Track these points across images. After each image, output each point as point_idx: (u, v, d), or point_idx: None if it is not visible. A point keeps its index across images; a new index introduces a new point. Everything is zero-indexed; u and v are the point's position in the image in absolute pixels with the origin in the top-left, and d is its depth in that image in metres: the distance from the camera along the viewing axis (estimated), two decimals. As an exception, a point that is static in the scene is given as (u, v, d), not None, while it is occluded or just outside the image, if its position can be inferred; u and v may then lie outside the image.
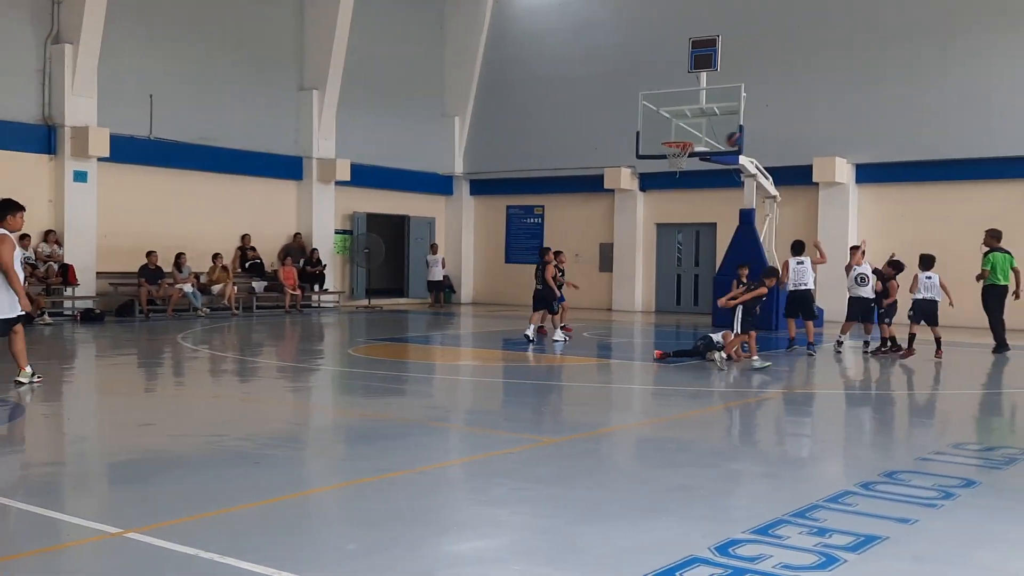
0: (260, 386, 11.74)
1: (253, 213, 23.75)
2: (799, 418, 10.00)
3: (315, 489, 6.55)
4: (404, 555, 4.85)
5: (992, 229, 16.02)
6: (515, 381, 12.56)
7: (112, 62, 20.35)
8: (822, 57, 22.92)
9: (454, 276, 28.59)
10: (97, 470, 7.02)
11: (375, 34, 26.09)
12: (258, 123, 23.67)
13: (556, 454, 7.44)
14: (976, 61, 21.17)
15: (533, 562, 4.81)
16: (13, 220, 9.94)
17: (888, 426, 9.60)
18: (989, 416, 10.37)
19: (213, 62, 22.69)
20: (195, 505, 5.71)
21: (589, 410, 10.26)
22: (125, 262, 20.67)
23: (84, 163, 19.85)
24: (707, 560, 4.76)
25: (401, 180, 27.34)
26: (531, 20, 27.66)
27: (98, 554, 4.91)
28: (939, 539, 5.24)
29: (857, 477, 6.63)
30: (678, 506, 5.87)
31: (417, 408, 10.07)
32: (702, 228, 25.13)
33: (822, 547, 4.99)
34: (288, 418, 9.38)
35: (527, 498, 6.01)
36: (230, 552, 4.73)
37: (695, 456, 7.53)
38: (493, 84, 28.17)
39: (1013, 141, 20.66)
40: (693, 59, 18.98)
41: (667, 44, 23.38)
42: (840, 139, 22.54)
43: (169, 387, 11.59)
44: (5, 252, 9.61)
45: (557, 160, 26.68)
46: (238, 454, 7.24)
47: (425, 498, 6.00)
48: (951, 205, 21.59)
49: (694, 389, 11.66)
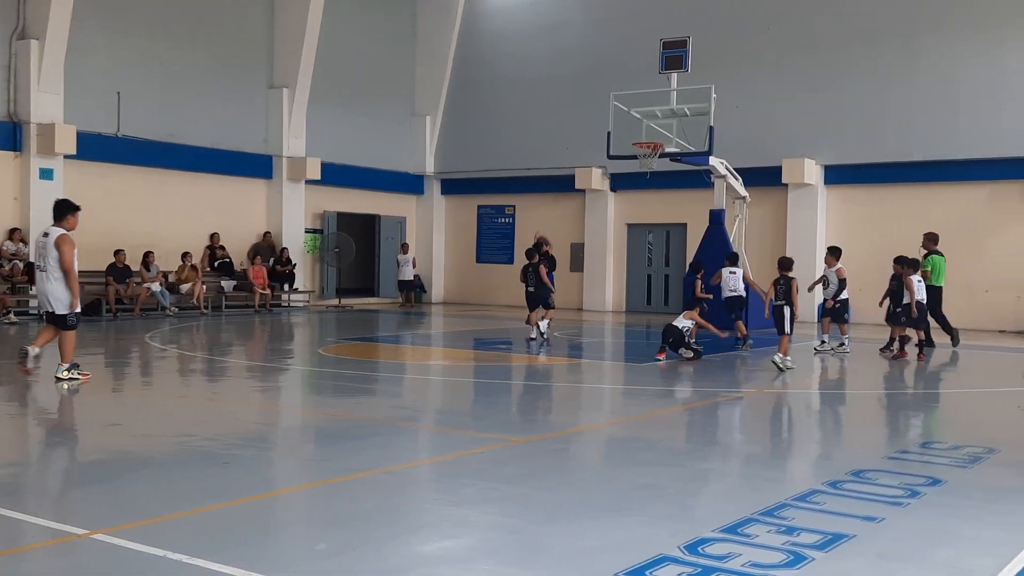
0: (228, 386, 11.66)
1: (222, 212, 23.59)
2: (768, 417, 10.07)
3: (284, 489, 6.52)
4: (373, 555, 4.84)
5: (930, 232, 16.77)
6: (485, 381, 12.56)
7: (79, 58, 20.14)
8: (790, 59, 23.09)
9: (425, 276, 28.53)
10: (63, 470, 6.95)
11: (346, 32, 26.00)
12: (227, 121, 23.52)
13: (525, 454, 7.45)
14: (941, 64, 21.41)
15: (501, 562, 4.82)
16: (72, 220, 10.49)
17: (856, 425, 9.68)
18: (955, 415, 10.49)
19: (182, 59, 22.51)
20: (163, 506, 5.66)
21: (558, 410, 10.28)
22: (92, 261, 20.41)
23: (50, 160, 19.63)
24: (676, 559, 4.78)
25: (372, 179, 27.26)
26: (502, 20, 27.67)
27: (64, 555, 4.86)
28: (904, 537, 5.30)
29: (825, 476, 6.68)
30: (647, 505, 5.90)
31: (386, 408, 10.04)
32: (672, 228, 25.24)
33: (790, 545, 5.03)
34: (257, 418, 9.33)
35: (495, 498, 6.01)
36: (198, 553, 4.70)
37: (663, 455, 7.57)
38: (464, 83, 28.15)
39: (978, 143, 20.92)
40: (664, 60, 19.05)
41: (637, 45, 23.47)
42: (808, 141, 22.72)
43: (136, 387, 11.49)
44: (69, 252, 10.22)
45: (528, 160, 26.70)
46: (206, 454, 7.19)
47: (394, 498, 5.99)
48: (917, 207, 21.82)
49: (663, 389, 11.72)
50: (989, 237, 20.99)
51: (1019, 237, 20.76)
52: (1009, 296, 20.65)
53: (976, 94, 21.01)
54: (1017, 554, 4.98)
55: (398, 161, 27.99)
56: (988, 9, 21.00)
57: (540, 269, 16.35)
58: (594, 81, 24.42)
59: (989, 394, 11.96)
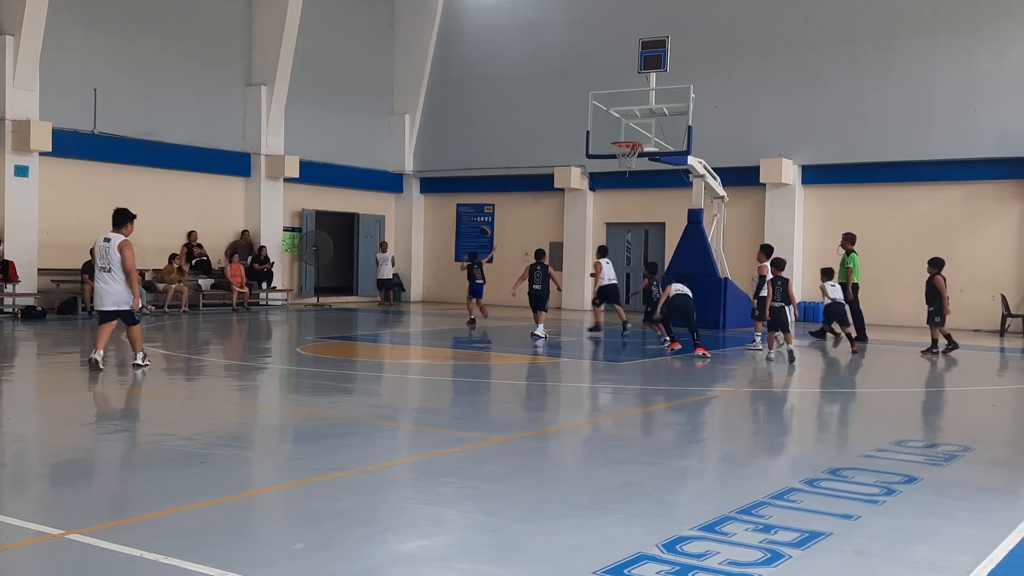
0: (206, 385, 11.60)
1: (200, 209, 23.46)
2: (745, 415, 10.11)
3: (261, 489, 6.49)
4: (350, 554, 4.82)
5: (848, 233, 17.87)
6: (463, 380, 12.55)
7: (55, 54, 19.97)
8: (768, 59, 23.21)
9: (403, 274, 28.49)
10: (37, 470, 6.89)
11: (325, 30, 25.91)
12: (205, 118, 23.39)
13: (503, 452, 7.45)
14: (917, 66, 21.59)
15: (480, 561, 4.81)
16: (130, 227, 11.71)
17: (831, 423, 9.74)
18: (930, 413, 10.57)
19: (159, 56, 22.36)
20: (139, 505, 5.63)
21: (537, 408, 10.29)
22: (67, 259, 20.31)
23: (25, 157, 19.45)
24: (655, 557, 4.80)
25: (350, 177, 27.18)
26: (481, 19, 27.65)
27: (39, 556, 4.82)
28: (880, 534, 5.33)
29: (802, 474, 6.72)
30: (625, 504, 5.91)
31: (365, 407, 10.02)
32: (651, 228, 25.31)
33: (767, 543, 5.05)
34: (234, 417, 9.28)
35: (474, 496, 6.01)
36: (175, 553, 4.67)
37: (641, 453, 7.58)
38: (443, 82, 28.12)
39: (953, 145, 21.11)
40: (643, 60, 19.09)
41: (616, 44, 23.54)
42: (786, 141, 22.85)
43: (112, 386, 11.40)
44: (131, 256, 11.45)
45: (507, 159, 26.71)
46: (183, 454, 7.14)
47: (372, 497, 5.97)
48: (893, 206, 22.03)
49: (641, 387, 11.75)
50: (964, 237, 21.17)
51: (994, 237, 20.96)
52: (984, 296, 20.83)
53: (951, 96, 21.20)
54: (992, 551, 5.03)
55: (377, 159, 27.92)
56: (961, 13, 21.20)
57: (550, 270, 17.43)
58: (573, 80, 24.45)
59: (964, 393, 12.07)
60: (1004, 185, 20.89)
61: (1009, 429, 9.64)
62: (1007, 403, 11.23)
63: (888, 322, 21.12)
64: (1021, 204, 20.70)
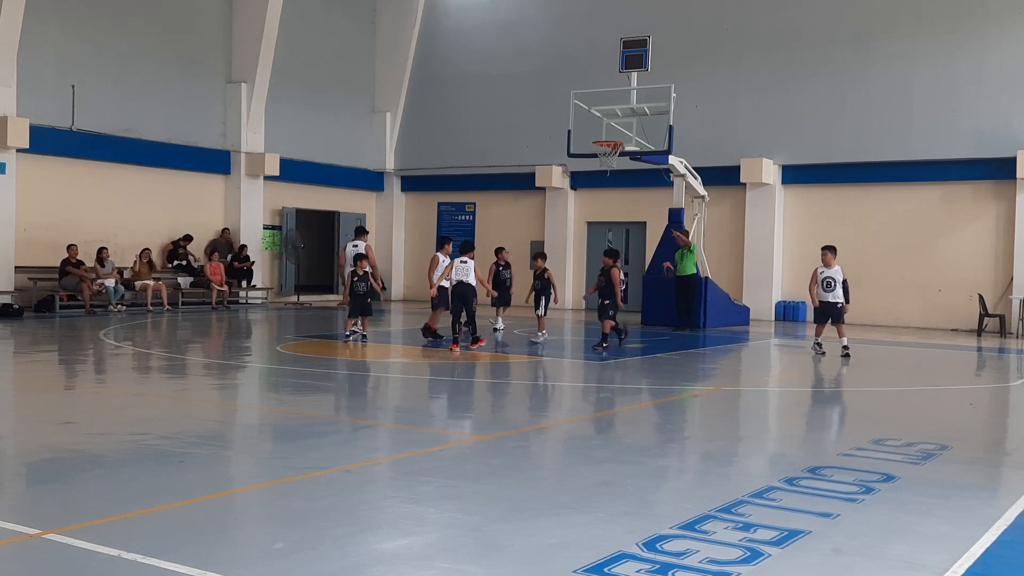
0: (184, 383, 11.53)
1: (179, 207, 23.33)
2: (725, 414, 10.15)
3: (240, 488, 6.45)
4: (330, 554, 4.81)
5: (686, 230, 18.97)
6: (444, 378, 12.53)
7: (32, 50, 19.81)
8: (749, 60, 23.30)
9: (384, 273, 28.41)
10: (14, 469, 6.83)
11: (305, 27, 25.83)
12: (184, 116, 23.26)
13: (484, 451, 7.45)
14: (895, 67, 21.73)
15: (460, 560, 4.81)
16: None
17: (811, 422, 9.79)
18: (908, 412, 10.63)
19: (138, 52, 22.22)
20: (117, 505, 5.59)
21: (518, 407, 10.28)
22: (45, 256, 20.15)
23: (2, 154, 19.28)
24: (635, 556, 4.81)
25: (331, 175, 27.11)
26: (462, 17, 27.63)
27: (16, 556, 4.77)
28: (859, 533, 5.36)
29: (781, 472, 6.75)
30: (605, 502, 5.91)
31: (345, 406, 9.99)
32: (632, 227, 25.36)
33: (747, 542, 5.07)
34: (213, 416, 9.23)
35: (454, 495, 6.00)
36: (153, 553, 4.65)
37: (621, 452, 7.59)
38: (424, 80, 28.08)
39: (931, 145, 21.26)
40: (624, 59, 19.13)
41: (598, 43, 23.57)
42: (766, 140, 22.95)
43: (90, 384, 11.33)
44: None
45: (489, 157, 26.70)
46: (161, 453, 7.10)
47: (352, 496, 5.96)
48: (872, 206, 22.16)
49: (621, 386, 11.77)
50: (942, 237, 21.34)
51: (971, 237, 21.12)
52: (961, 296, 20.98)
53: (929, 97, 21.35)
54: (968, 549, 5.06)
55: (358, 157, 27.86)
56: (939, 15, 21.36)
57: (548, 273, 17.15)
58: (554, 79, 24.47)
59: (942, 392, 12.15)
60: (982, 186, 21.05)
61: (986, 428, 9.72)
62: (984, 402, 11.33)
63: (868, 321, 21.25)
64: (998, 205, 20.87)
